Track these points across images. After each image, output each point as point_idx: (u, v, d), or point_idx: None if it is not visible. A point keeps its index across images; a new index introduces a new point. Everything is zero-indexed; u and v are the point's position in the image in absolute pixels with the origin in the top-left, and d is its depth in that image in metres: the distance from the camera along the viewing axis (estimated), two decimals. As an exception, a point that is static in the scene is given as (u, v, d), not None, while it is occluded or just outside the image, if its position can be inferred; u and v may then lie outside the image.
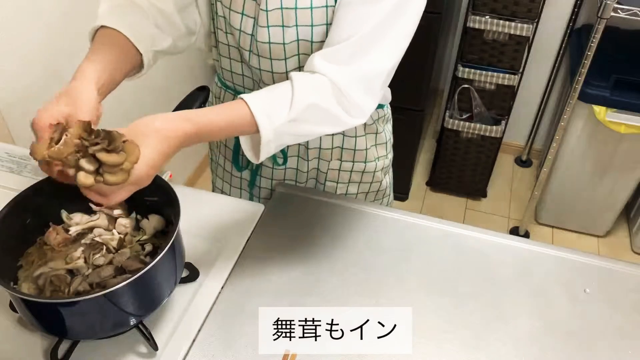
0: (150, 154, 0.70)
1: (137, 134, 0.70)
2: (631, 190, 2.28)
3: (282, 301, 0.92)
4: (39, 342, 0.85)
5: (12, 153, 1.15)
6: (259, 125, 0.78)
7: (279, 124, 0.79)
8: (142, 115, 0.73)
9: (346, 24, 0.83)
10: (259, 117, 0.78)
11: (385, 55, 0.84)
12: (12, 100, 1.40)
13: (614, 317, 0.93)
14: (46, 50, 1.48)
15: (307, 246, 1.02)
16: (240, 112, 0.78)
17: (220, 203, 1.10)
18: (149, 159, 0.70)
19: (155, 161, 0.70)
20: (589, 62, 1.88)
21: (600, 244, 2.45)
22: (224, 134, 0.81)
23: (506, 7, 2.06)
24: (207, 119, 0.77)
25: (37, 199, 0.85)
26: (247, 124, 0.79)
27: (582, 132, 2.15)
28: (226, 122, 0.78)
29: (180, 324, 0.87)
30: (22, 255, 0.85)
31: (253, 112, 0.78)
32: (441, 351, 0.87)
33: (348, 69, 0.82)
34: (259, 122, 0.78)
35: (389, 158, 1.20)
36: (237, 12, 0.92)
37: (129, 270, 0.82)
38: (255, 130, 0.79)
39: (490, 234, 1.06)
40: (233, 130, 0.80)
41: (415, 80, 2.14)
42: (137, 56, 0.89)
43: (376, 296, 0.94)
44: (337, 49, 0.83)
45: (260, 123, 0.78)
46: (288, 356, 0.84)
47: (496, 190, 2.69)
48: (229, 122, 0.79)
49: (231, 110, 0.79)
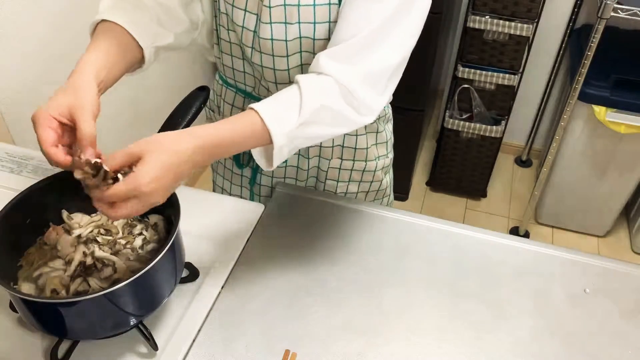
0: (153, 167, 0.68)
1: (143, 151, 0.69)
2: (631, 190, 2.28)
3: (282, 301, 0.92)
4: (39, 342, 0.85)
5: (12, 153, 1.15)
6: (271, 131, 0.77)
7: (290, 129, 0.78)
8: (141, 114, 0.73)
9: (351, 22, 0.83)
10: (269, 124, 0.77)
11: (390, 52, 0.84)
12: (12, 100, 1.40)
13: (614, 317, 0.93)
14: (46, 50, 1.48)
15: (307, 246, 1.02)
16: (250, 121, 0.77)
17: (220, 203, 1.10)
18: (151, 170, 0.68)
19: (157, 174, 0.68)
20: (589, 62, 1.88)
21: (600, 244, 2.45)
22: (236, 147, 0.79)
23: (506, 7, 2.07)
24: (215, 130, 0.76)
25: (37, 199, 0.85)
26: (258, 132, 0.77)
27: (582, 132, 2.15)
28: (236, 133, 0.77)
29: (180, 324, 0.87)
30: (22, 255, 0.85)
31: (263, 118, 0.77)
32: (441, 351, 0.87)
33: (354, 68, 0.82)
34: (270, 128, 0.77)
35: (389, 157, 1.20)
36: (240, 9, 0.92)
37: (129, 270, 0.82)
38: (267, 139, 0.78)
39: (490, 234, 1.06)
40: (244, 140, 0.78)
41: (415, 80, 2.14)
42: (138, 51, 0.88)
43: (376, 296, 0.94)
44: (342, 47, 0.82)
45: (271, 129, 0.77)
46: (288, 356, 0.84)
47: (496, 190, 2.69)
48: (239, 132, 0.77)
49: (241, 121, 0.78)
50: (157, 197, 0.70)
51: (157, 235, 0.89)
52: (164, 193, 0.71)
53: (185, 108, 0.85)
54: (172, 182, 0.71)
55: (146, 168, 0.68)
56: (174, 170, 0.70)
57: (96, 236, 0.86)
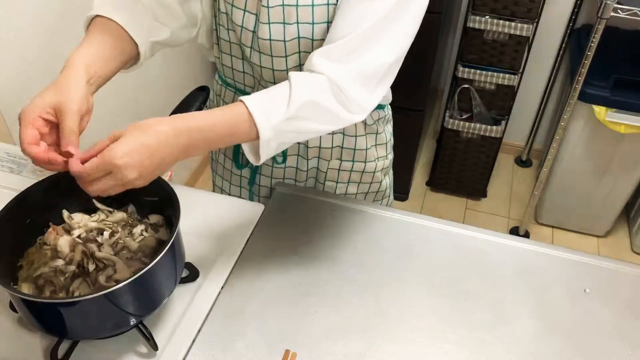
0: (127, 142, 0.69)
1: (125, 130, 0.70)
2: (631, 190, 2.28)
3: (282, 301, 0.92)
4: (39, 342, 0.85)
5: (12, 153, 1.16)
6: (257, 123, 0.77)
7: (277, 122, 0.78)
8: (141, 115, 0.73)
9: (345, 22, 0.83)
10: (256, 116, 0.77)
11: (383, 52, 0.83)
12: (12, 100, 1.40)
13: (614, 317, 0.93)
14: (46, 50, 1.48)
15: (307, 246, 1.02)
16: (238, 112, 0.78)
17: (220, 203, 1.10)
18: (125, 145, 0.69)
19: (131, 148, 0.69)
20: (589, 62, 1.88)
21: (600, 244, 2.45)
22: (222, 137, 0.79)
23: (506, 7, 2.07)
24: (204, 115, 0.77)
25: (37, 199, 0.85)
26: (245, 124, 0.78)
27: (582, 132, 2.15)
28: (223, 121, 0.77)
29: (180, 324, 0.87)
30: (22, 255, 0.85)
31: (250, 110, 0.77)
32: (441, 351, 0.87)
33: (346, 67, 0.82)
34: (256, 120, 0.77)
35: (389, 159, 1.20)
36: (239, 9, 0.92)
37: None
38: (254, 132, 0.78)
39: (490, 234, 1.06)
40: (229, 129, 0.78)
41: (415, 80, 2.14)
42: (133, 47, 0.88)
43: (376, 296, 0.94)
44: (335, 46, 0.82)
45: (258, 121, 0.77)
46: (288, 356, 0.84)
47: (496, 190, 2.69)
48: (226, 121, 0.78)
49: (229, 110, 0.78)
50: (131, 173, 0.69)
51: (157, 235, 0.89)
52: (141, 171, 0.70)
53: (185, 108, 0.85)
54: (150, 163, 0.71)
55: (121, 142, 0.69)
56: (152, 150, 0.70)
57: (96, 236, 0.86)
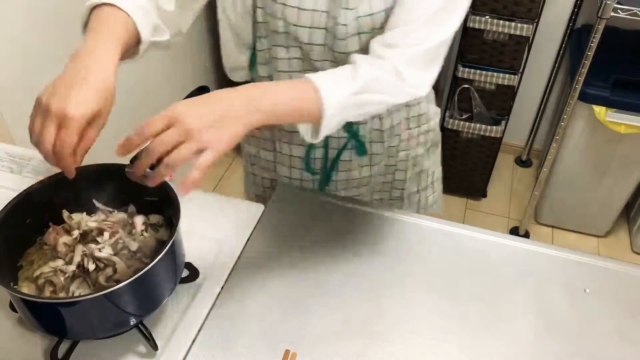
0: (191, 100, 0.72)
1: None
2: (631, 190, 2.28)
3: (282, 301, 0.92)
4: (39, 342, 0.85)
5: (12, 153, 1.15)
6: (323, 97, 0.78)
7: (342, 96, 0.80)
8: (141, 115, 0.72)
9: (404, 10, 0.86)
10: (322, 90, 0.78)
11: (440, 35, 0.87)
12: (12, 100, 1.40)
13: (614, 317, 0.93)
14: (47, 51, 1.48)
15: (307, 246, 1.02)
16: (303, 86, 0.79)
17: (220, 203, 1.10)
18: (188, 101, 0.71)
19: (191, 99, 0.71)
20: (589, 62, 1.88)
21: (600, 244, 2.45)
22: (284, 102, 0.78)
23: (506, 7, 2.07)
24: (266, 85, 0.79)
25: (38, 199, 0.84)
26: (310, 98, 0.78)
27: (582, 132, 2.15)
28: (286, 84, 0.80)
29: (180, 324, 0.87)
30: (22, 255, 0.85)
31: (317, 85, 0.78)
32: (441, 351, 0.87)
33: (404, 52, 0.85)
34: (322, 94, 0.78)
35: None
36: None
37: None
38: (317, 108, 0.79)
39: (490, 234, 1.06)
40: (294, 95, 0.79)
41: (415, 80, 2.14)
42: (134, 42, 0.86)
43: (376, 296, 0.94)
44: (394, 33, 0.86)
45: (324, 95, 0.78)
46: (288, 356, 0.84)
47: (496, 190, 2.69)
48: (290, 87, 0.80)
49: (294, 84, 0.81)
50: (193, 119, 0.69)
51: (157, 235, 0.89)
52: (202, 117, 0.70)
53: (185, 108, 0.85)
54: (211, 110, 0.71)
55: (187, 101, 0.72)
56: (212, 97, 0.73)
57: (96, 236, 0.86)
